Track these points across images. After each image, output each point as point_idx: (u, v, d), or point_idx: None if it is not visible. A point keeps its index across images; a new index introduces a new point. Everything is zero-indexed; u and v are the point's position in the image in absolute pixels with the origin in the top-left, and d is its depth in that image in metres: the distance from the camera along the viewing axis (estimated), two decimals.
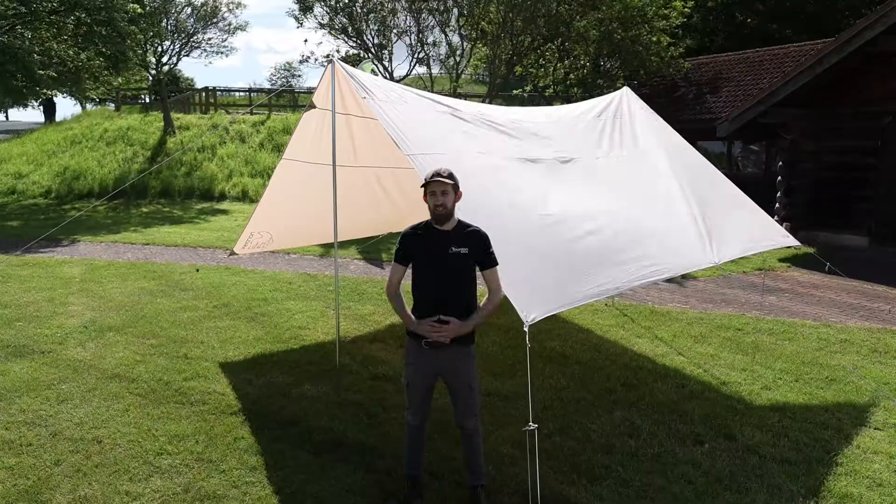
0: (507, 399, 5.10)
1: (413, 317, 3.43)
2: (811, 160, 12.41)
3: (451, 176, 3.36)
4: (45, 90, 16.03)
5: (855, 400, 5.17)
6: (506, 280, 3.52)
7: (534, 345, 6.33)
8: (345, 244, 10.66)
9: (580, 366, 5.83)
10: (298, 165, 5.99)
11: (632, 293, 8.58)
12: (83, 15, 15.39)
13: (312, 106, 5.36)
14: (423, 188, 3.40)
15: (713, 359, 6.06)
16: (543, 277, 3.83)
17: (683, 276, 9.61)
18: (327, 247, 11.34)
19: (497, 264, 3.44)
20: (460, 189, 3.43)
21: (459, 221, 3.45)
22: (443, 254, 3.36)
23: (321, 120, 5.62)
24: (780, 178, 12.80)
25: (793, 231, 12.26)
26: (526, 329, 3.47)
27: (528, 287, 3.67)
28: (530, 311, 3.53)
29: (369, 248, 11.08)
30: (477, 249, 3.39)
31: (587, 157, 5.28)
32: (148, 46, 20.44)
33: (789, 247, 5.69)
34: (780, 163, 12.88)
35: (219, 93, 29.05)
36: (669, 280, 9.35)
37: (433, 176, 3.33)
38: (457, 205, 3.44)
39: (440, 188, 3.33)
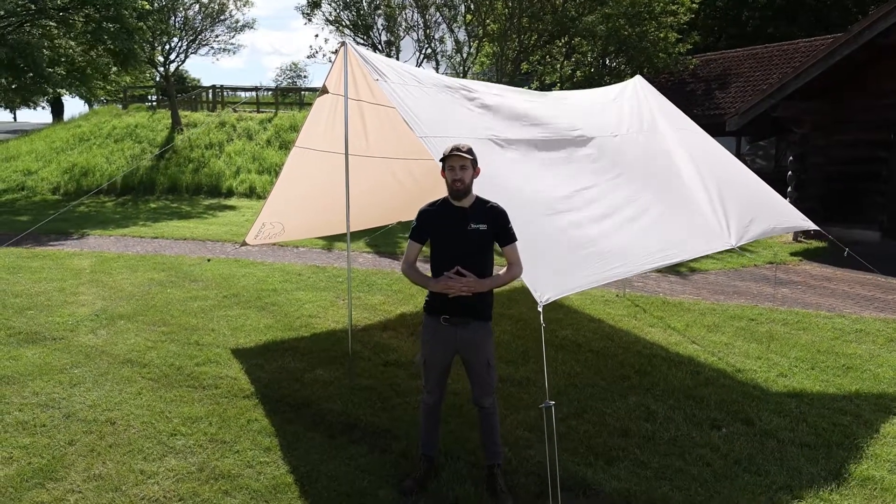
0: (521, 385, 5.06)
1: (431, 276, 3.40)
2: (822, 154, 12.31)
3: (469, 151, 3.33)
4: (54, 86, 16.06)
5: (873, 387, 5.11)
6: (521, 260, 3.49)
7: (546, 334, 6.30)
8: (354, 237, 10.64)
9: (593, 353, 5.79)
10: (310, 154, 5.97)
11: (642, 285, 8.54)
12: (91, 10, 15.44)
13: (325, 91, 5.33)
14: (441, 163, 3.37)
15: (727, 347, 6.01)
16: (558, 260, 3.79)
17: (694, 269, 9.56)
18: (335, 240, 11.35)
19: (516, 240, 3.41)
20: (479, 165, 3.41)
21: (478, 198, 3.42)
22: (461, 230, 3.33)
23: (333, 106, 5.59)
24: (790, 172, 12.71)
25: None
26: (540, 310, 3.42)
27: (543, 268, 3.63)
28: (545, 292, 3.49)
29: (378, 241, 11.06)
30: (496, 225, 3.36)
31: (604, 136, 5.23)
32: (156, 44, 20.49)
33: (807, 231, 5.64)
34: (791, 157, 12.78)
35: (226, 92, 29.10)
36: (680, 272, 9.31)
37: (452, 150, 3.30)
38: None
39: (459, 163, 3.30)
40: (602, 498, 3.52)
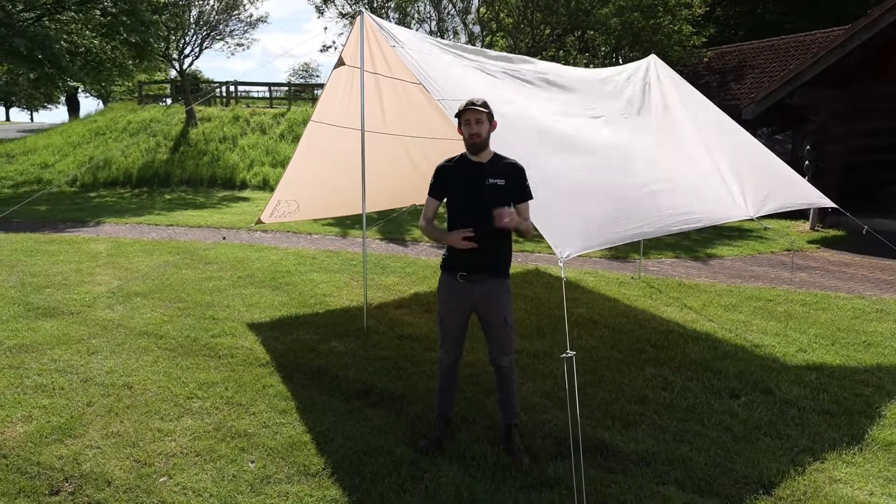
0: (536, 356, 5.03)
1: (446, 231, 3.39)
2: (839, 143, 12.16)
3: (485, 105, 3.31)
4: (71, 77, 16.21)
5: (895, 362, 5.03)
6: (540, 219, 3.47)
7: (561, 311, 6.28)
8: (367, 222, 10.67)
9: (609, 329, 5.75)
10: (327, 129, 5.97)
11: (658, 269, 8.47)
12: (108, 4, 15.60)
13: (341, 63, 5.34)
14: (456, 118, 3.36)
15: (745, 325, 5.94)
16: (578, 218, 3.76)
17: (711, 255, 9.47)
18: (348, 227, 11.37)
19: (532, 198, 3.38)
20: (495, 119, 3.38)
21: (495, 154, 3.40)
22: (479, 185, 3.31)
23: (350, 80, 5.60)
24: (807, 162, 12.56)
25: (821, 215, 12.05)
26: (561, 265, 3.39)
27: (563, 226, 3.60)
28: (564, 248, 3.46)
29: (390, 229, 11.07)
30: (513, 182, 3.34)
31: (616, 114, 5.21)
32: (171, 38, 20.65)
33: (824, 215, 5.59)
34: (808, 147, 12.64)
35: (240, 89, 29.26)
36: (696, 258, 9.23)
37: (467, 105, 3.29)
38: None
39: (475, 116, 3.28)
40: (620, 458, 3.49)
